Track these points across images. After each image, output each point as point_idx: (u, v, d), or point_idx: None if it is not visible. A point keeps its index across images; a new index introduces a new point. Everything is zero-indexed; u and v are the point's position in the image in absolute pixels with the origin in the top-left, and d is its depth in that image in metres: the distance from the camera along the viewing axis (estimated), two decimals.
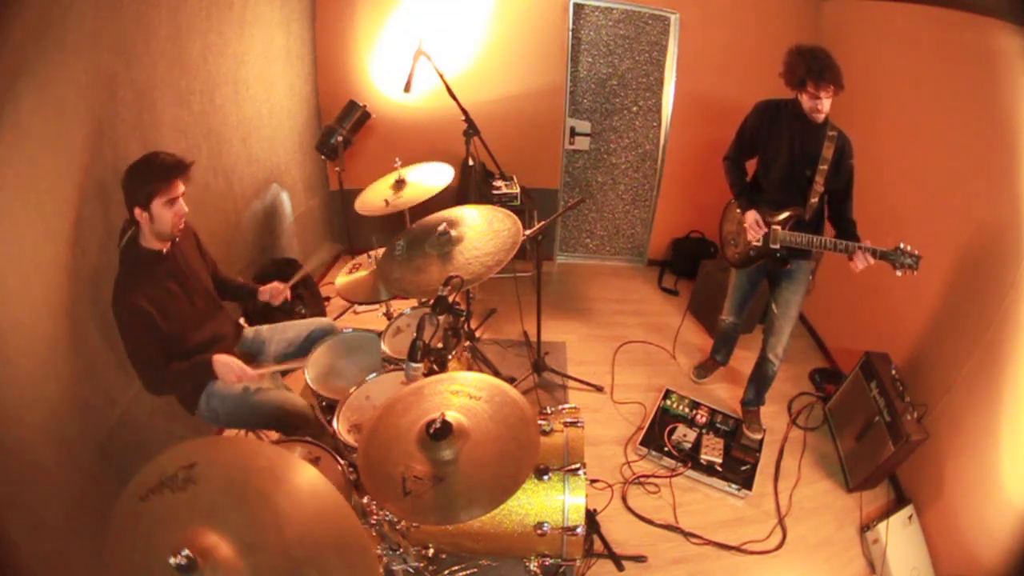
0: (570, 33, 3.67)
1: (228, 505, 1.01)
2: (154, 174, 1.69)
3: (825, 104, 2.16)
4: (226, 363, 1.86)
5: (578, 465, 1.58)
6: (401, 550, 1.55)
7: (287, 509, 1.01)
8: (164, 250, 1.83)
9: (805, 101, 2.20)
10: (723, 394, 3.15)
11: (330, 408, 1.99)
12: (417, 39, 2.90)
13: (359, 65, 3.64)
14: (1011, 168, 2.13)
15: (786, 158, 2.32)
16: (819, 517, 2.48)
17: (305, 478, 1.06)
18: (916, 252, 2.09)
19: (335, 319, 3.41)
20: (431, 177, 2.69)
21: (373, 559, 1.04)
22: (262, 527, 0.99)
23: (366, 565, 1.02)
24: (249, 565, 0.94)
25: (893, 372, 2.56)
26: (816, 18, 3.58)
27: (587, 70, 3.84)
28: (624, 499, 2.46)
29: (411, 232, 2.13)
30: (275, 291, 2.23)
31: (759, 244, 2.43)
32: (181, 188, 1.75)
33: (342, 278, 2.68)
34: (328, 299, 3.56)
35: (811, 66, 2.11)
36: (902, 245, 2.10)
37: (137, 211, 1.70)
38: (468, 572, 1.85)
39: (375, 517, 1.51)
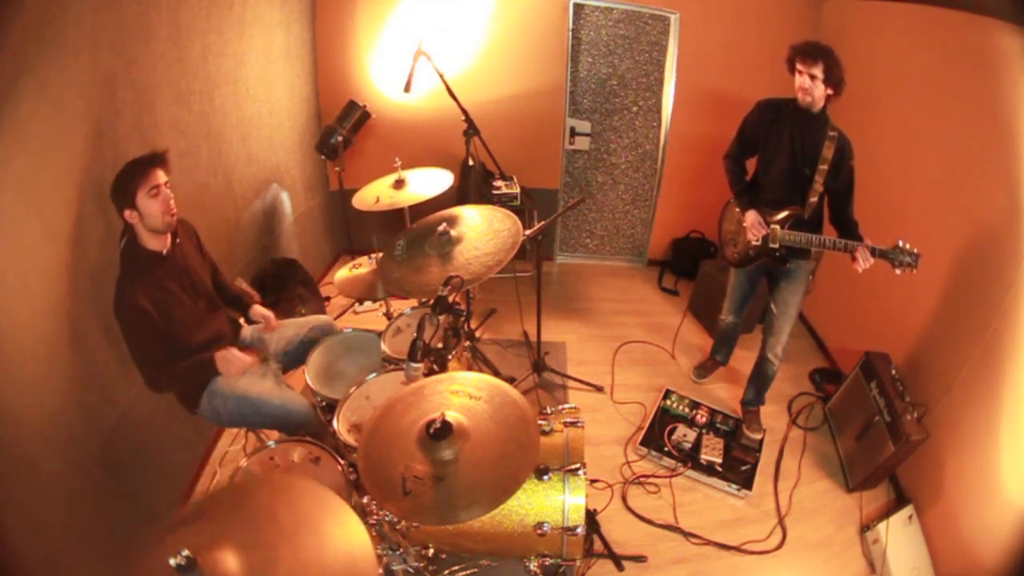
0: (570, 33, 3.66)
1: (237, 524, 1.03)
2: (130, 172, 1.69)
3: (810, 84, 2.16)
4: (226, 358, 1.84)
5: (578, 465, 1.58)
6: (401, 550, 1.56)
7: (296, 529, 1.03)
8: (164, 251, 1.83)
9: (795, 82, 2.21)
10: (723, 394, 3.15)
11: (330, 408, 1.99)
12: (417, 39, 2.90)
13: (359, 65, 3.64)
14: (1011, 168, 2.13)
15: (786, 157, 2.32)
16: (819, 517, 2.48)
17: (333, 512, 1.08)
18: (915, 250, 2.09)
19: (335, 319, 3.41)
20: (430, 184, 2.69)
21: None
22: (267, 539, 1.00)
23: None
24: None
25: (893, 372, 2.56)
26: (816, 18, 3.58)
27: (587, 70, 3.84)
28: (624, 499, 2.46)
29: (411, 232, 2.13)
30: (268, 322, 2.19)
31: (758, 243, 2.43)
32: (162, 177, 1.73)
33: (342, 275, 2.68)
34: (328, 299, 3.57)
35: (798, 45, 2.17)
36: (901, 243, 2.11)
37: (127, 213, 1.70)
38: (468, 572, 1.85)
39: (375, 517, 1.52)
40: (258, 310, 2.21)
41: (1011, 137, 2.12)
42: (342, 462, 1.75)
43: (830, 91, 2.17)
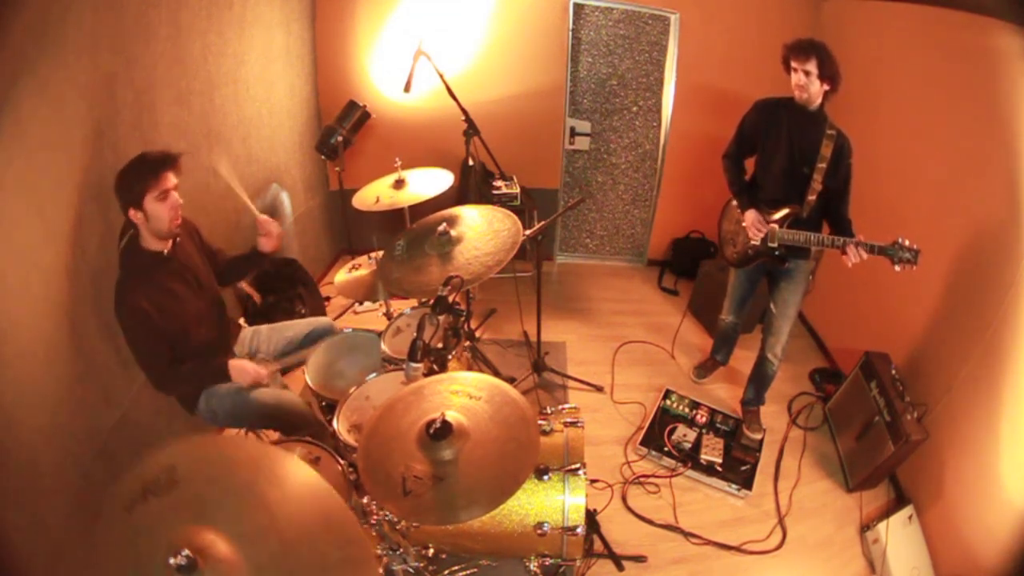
0: (570, 33, 3.66)
1: (216, 501, 1.01)
2: (141, 171, 1.67)
3: (805, 80, 2.16)
4: (241, 368, 1.88)
5: (578, 465, 1.58)
6: (401, 550, 1.56)
7: (274, 497, 1.01)
8: (165, 251, 1.82)
9: (791, 79, 2.22)
10: (723, 394, 3.15)
11: (330, 408, 1.99)
12: (417, 39, 2.90)
13: (359, 65, 3.64)
14: (1011, 168, 2.13)
15: (785, 156, 2.33)
16: (819, 517, 2.48)
17: (288, 467, 1.07)
18: (915, 247, 2.09)
19: (335, 319, 3.41)
20: (430, 184, 2.68)
21: (360, 533, 1.06)
22: (252, 517, 0.99)
23: (358, 541, 1.04)
24: (246, 557, 0.94)
25: (893, 372, 2.56)
26: (816, 17, 3.58)
27: (587, 70, 3.84)
28: (624, 499, 2.46)
29: (411, 232, 2.13)
30: (268, 229, 2.07)
31: (757, 243, 2.43)
32: (172, 181, 1.71)
33: (342, 276, 2.68)
34: (328, 299, 3.57)
35: (790, 43, 2.18)
36: (900, 240, 2.11)
37: (132, 212, 1.68)
38: (468, 572, 1.85)
39: (375, 517, 1.52)
40: (262, 236, 2.09)
41: (1011, 137, 2.12)
42: (342, 462, 1.75)
43: (826, 86, 2.18)
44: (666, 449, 2.64)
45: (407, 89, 2.94)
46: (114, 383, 1.92)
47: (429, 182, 2.69)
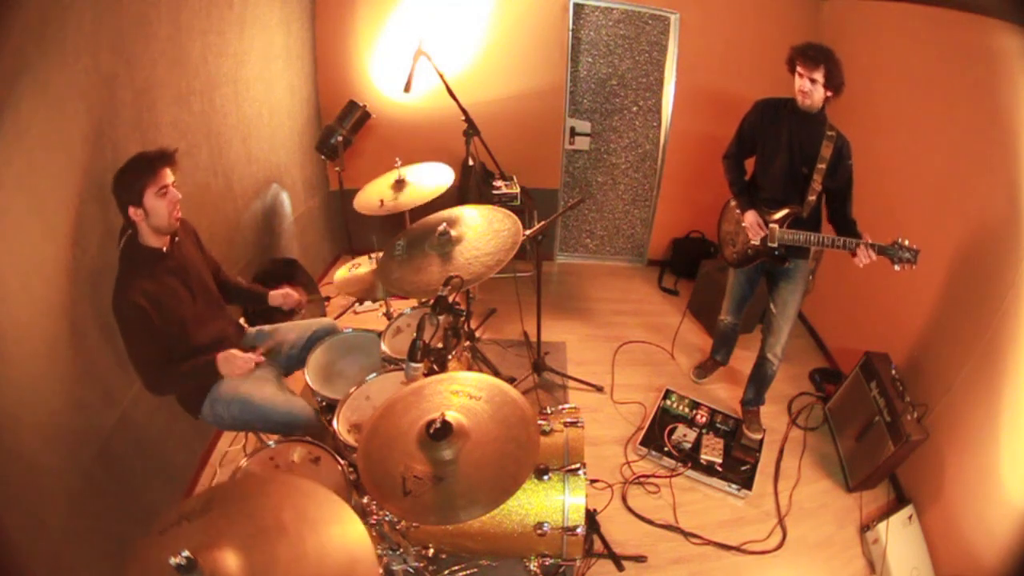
0: (570, 33, 3.67)
1: (245, 530, 1.04)
2: (139, 169, 1.69)
3: (810, 87, 2.16)
4: (228, 359, 1.87)
5: (578, 465, 1.58)
6: (401, 550, 1.56)
7: (312, 544, 1.03)
8: (164, 248, 1.83)
9: (795, 83, 2.21)
10: (723, 394, 3.15)
11: (330, 408, 1.99)
12: (417, 39, 2.90)
13: (359, 65, 3.64)
14: (1011, 168, 2.13)
15: (784, 156, 2.33)
16: (819, 517, 2.48)
17: (336, 525, 1.08)
18: (914, 246, 2.10)
19: (335, 319, 3.41)
20: (430, 180, 2.67)
21: None
22: (274, 549, 1.01)
23: None
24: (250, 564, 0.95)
25: (893, 372, 2.56)
26: (816, 18, 3.58)
27: (587, 70, 3.84)
28: (624, 499, 2.46)
29: (411, 232, 2.13)
30: (288, 298, 2.21)
31: (757, 243, 2.43)
32: (170, 177, 1.74)
33: (342, 273, 2.68)
34: (328, 299, 3.57)
35: (799, 47, 2.18)
36: (900, 240, 2.11)
37: (131, 210, 1.70)
38: (468, 572, 1.85)
39: (375, 517, 1.51)
40: (277, 293, 2.22)
41: (1011, 137, 2.12)
42: (342, 462, 1.75)
43: (829, 93, 2.18)
44: (666, 449, 2.64)
45: (407, 89, 2.94)
46: (114, 383, 1.92)
47: (429, 179, 2.68)
